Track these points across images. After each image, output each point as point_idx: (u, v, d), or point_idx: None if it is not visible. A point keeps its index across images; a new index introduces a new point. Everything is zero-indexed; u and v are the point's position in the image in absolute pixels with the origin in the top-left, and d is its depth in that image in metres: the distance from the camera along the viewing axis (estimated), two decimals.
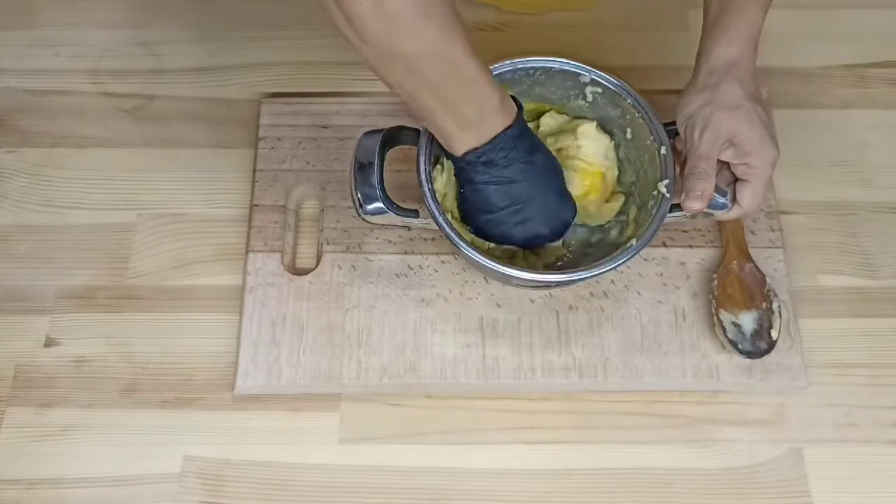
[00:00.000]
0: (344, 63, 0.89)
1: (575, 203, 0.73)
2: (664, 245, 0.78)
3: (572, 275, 0.68)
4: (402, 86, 0.61)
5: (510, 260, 0.73)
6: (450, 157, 0.67)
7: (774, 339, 0.74)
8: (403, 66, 0.58)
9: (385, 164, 0.69)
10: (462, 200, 0.71)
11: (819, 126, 0.87)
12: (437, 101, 0.61)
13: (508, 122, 0.65)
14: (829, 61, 0.91)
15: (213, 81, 0.89)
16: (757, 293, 0.75)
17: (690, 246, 0.79)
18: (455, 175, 0.70)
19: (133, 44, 0.91)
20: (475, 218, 0.71)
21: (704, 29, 0.70)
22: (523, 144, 0.67)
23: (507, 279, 0.71)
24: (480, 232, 0.72)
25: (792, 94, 0.88)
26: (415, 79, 0.60)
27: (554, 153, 0.72)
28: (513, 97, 0.67)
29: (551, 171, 0.71)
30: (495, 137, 0.64)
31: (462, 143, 0.65)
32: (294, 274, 0.77)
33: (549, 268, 0.73)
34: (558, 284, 0.75)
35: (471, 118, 0.63)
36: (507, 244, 0.73)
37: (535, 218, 0.70)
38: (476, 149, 0.65)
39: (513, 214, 0.69)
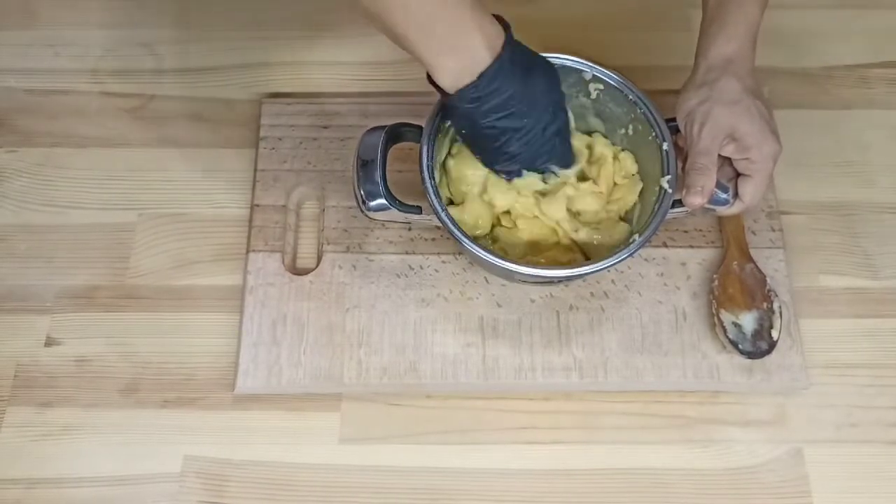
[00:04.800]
0: (344, 63, 0.89)
1: (574, 152, 0.71)
2: (665, 245, 0.78)
3: (573, 270, 0.68)
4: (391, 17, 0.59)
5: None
6: (444, 95, 0.65)
7: (775, 339, 0.73)
8: None
9: (387, 162, 0.69)
10: (462, 138, 0.69)
11: (820, 126, 0.87)
12: (420, 28, 0.60)
13: (491, 56, 0.62)
14: (831, 61, 0.91)
15: (213, 81, 0.89)
16: (757, 293, 0.75)
17: (691, 246, 0.79)
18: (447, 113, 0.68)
19: (133, 44, 0.91)
20: (477, 149, 0.69)
21: (702, 26, 0.70)
22: (515, 72, 0.63)
23: (509, 275, 0.70)
24: (487, 162, 0.70)
25: (793, 94, 0.88)
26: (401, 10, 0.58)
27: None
28: (498, 17, 0.64)
29: (546, 108, 0.67)
30: (482, 74, 0.61)
31: (448, 74, 0.62)
32: (294, 274, 0.77)
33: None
34: (559, 280, 0.75)
35: (453, 45, 0.61)
36: (509, 169, 0.70)
37: (532, 143, 0.67)
38: (467, 86, 0.62)
39: (511, 142, 0.67)
